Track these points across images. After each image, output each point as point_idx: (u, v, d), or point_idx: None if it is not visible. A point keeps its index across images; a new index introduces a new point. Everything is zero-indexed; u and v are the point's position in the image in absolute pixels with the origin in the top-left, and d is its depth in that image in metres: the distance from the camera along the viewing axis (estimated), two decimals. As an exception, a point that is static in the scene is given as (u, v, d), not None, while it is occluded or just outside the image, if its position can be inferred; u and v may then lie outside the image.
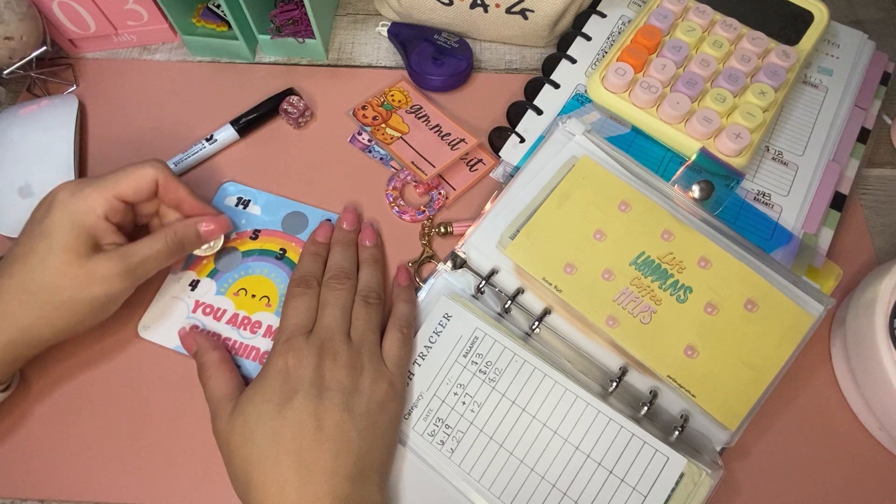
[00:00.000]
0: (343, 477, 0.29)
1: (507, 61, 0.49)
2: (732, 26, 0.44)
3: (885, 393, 0.33)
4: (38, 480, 0.35)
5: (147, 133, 0.46)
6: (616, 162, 0.40)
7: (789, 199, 0.41)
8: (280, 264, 0.40)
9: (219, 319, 0.38)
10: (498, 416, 0.34)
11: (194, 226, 0.36)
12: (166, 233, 0.35)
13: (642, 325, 0.36)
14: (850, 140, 0.44)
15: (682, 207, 0.39)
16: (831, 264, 0.38)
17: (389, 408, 0.32)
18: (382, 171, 0.44)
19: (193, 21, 0.48)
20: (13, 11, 0.41)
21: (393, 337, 0.35)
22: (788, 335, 0.35)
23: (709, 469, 0.32)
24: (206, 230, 0.37)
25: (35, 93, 0.47)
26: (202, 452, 0.35)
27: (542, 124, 0.45)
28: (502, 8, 0.46)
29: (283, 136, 0.46)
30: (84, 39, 0.48)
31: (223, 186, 0.43)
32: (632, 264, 0.37)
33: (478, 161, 0.44)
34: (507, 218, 0.39)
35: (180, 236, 0.35)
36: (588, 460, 0.33)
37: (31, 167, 0.42)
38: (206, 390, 0.34)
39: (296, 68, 0.49)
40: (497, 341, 0.36)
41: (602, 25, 0.48)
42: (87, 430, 0.36)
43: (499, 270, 0.39)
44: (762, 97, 0.41)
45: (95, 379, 0.37)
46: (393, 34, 0.49)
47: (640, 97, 0.42)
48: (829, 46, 0.47)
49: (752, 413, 0.34)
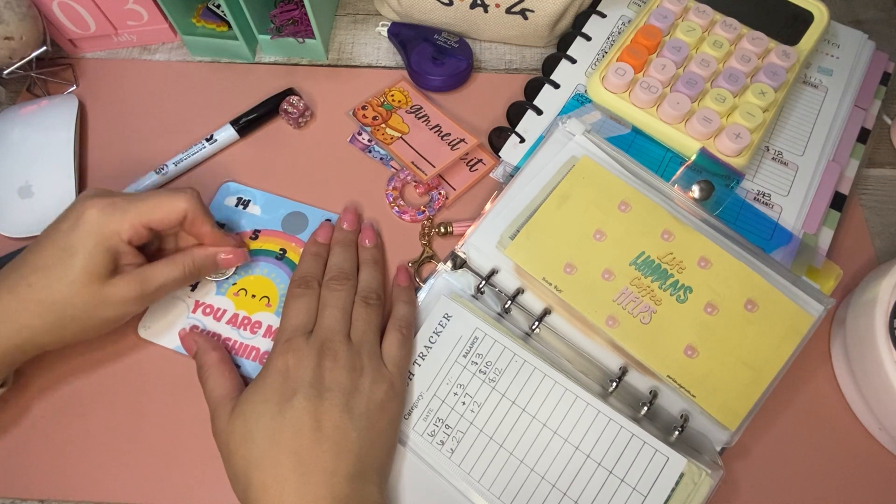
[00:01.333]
0: (342, 477, 0.29)
1: (507, 61, 0.49)
2: (732, 26, 0.44)
3: (885, 393, 0.34)
4: (38, 480, 0.35)
5: (147, 133, 0.46)
6: (616, 162, 0.40)
7: (789, 199, 0.41)
8: (280, 264, 0.40)
9: (219, 320, 0.38)
10: (498, 416, 0.34)
11: (213, 255, 0.36)
12: (184, 259, 0.35)
13: (642, 325, 0.36)
14: (850, 140, 0.44)
15: (682, 207, 0.39)
16: (831, 264, 0.38)
17: (389, 408, 0.32)
18: (382, 171, 0.44)
19: (193, 21, 0.48)
20: (13, 11, 0.41)
21: (393, 337, 0.35)
22: (788, 335, 0.35)
23: (709, 469, 0.32)
24: (224, 260, 0.37)
25: (35, 93, 0.47)
26: (202, 452, 0.35)
27: (542, 124, 0.45)
28: (502, 8, 0.46)
29: (283, 136, 0.46)
30: (84, 39, 0.48)
31: (223, 186, 0.43)
32: (632, 264, 0.37)
33: (478, 161, 0.44)
34: (507, 218, 0.39)
35: (198, 264, 0.36)
36: (588, 460, 0.33)
37: (31, 167, 0.42)
38: (206, 390, 0.34)
39: (296, 68, 0.49)
40: (497, 341, 0.36)
41: (602, 25, 0.48)
42: (87, 430, 0.36)
43: (499, 270, 0.39)
44: (762, 97, 0.41)
45: (95, 379, 0.37)
46: (393, 34, 0.49)
47: (640, 97, 0.42)
48: (829, 46, 0.47)
49: (752, 413, 0.34)
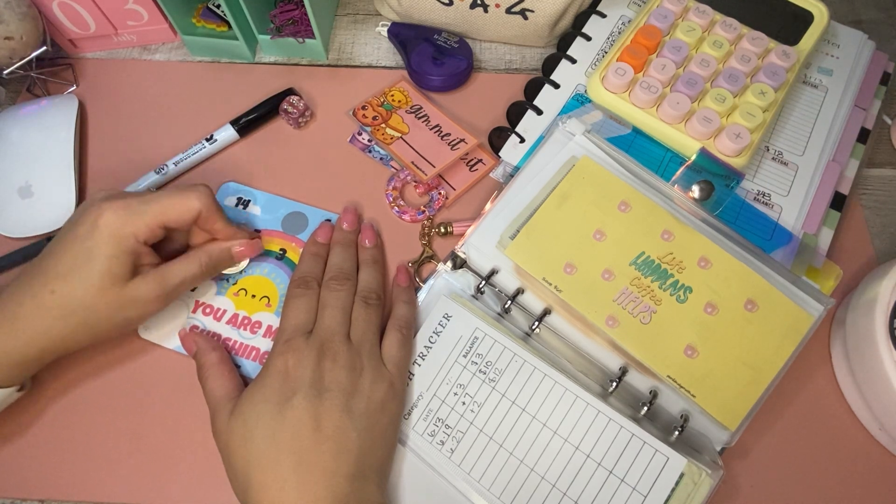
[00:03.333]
0: (342, 477, 0.29)
1: (507, 61, 0.49)
2: (732, 26, 0.44)
3: (885, 393, 0.34)
4: (38, 480, 0.35)
5: (147, 133, 0.46)
6: (616, 162, 0.40)
7: (789, 199, 0.41)
8: (280, 264, 0.40)
9: (219, 320, 0.38)
10: (498, 416, 0.34)
11: (228, 249, 0.37)
12: (200, 255, 0.35)
13: (642, 325, 0.36)
14: (850, 140, 0.44)
15: (682, 207, 0.39)
16: (831, 264, 0.38)
17: (389, 408, 0.32)
18: (382, 171, 0.44)
19: (193, 21, 0.48)
20: (13, 11, 0.41)
21: (392, 338, 0.35)
22: (788, 335, 0.35)
23: (709, 469, 0.32)
24: (239, 252, 0.37)
25: (35, 93, 0.47)
26: (202, 453, 0.35)
27: (542, 124, 0.45)
28: (502, 8, 0.46)
29: (283, 136, 0.46)
30: (84, 39, 0.48)
31: (223, 186, 0.43)
32: (632, 264, 0.37)
33: (478, 161, 0.44)
34: (507, 218, 0.39)
35: (215, 259, 0.36)
36: (588, 460, 0.33)
37: (31, 167, 0.42)
38: (206, 391, 0.34)
39: (296, 68, 0.49)
40: (497, 341, 0.36)
41: (602, 25, 0.48)
42: (87, 431, 0.36)
43: (499, 270, 0.39)
44: (762, 97, 0.41)
45: (95, 379, 0.37)
46: (393, 34, 0.49)
47: (640, 97, 0.42)
48: (829, 46, 0.47)
49: (752, 413, 0.34)
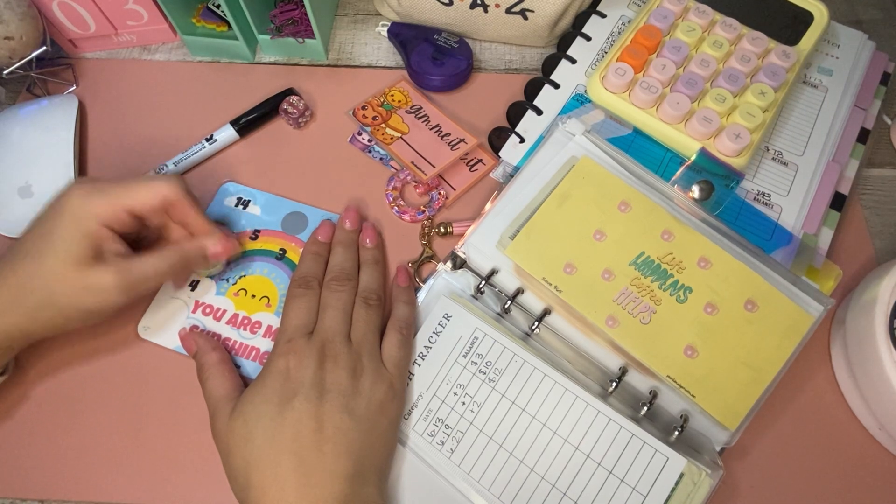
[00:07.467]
0: (343, 478, 0.29)
1: (507, 61, 0.49)
2: (732, 26, 0.44)
3: (885, 393, 0.33)
4: (38, 480, 0.35)
5: (147, 133, 0.46)
6: (616, 162, 0.40)
7: (789, 199, 0.41)
8: (280, 264, 0.40)
9: (219, 320, 0.38)
10: (498, 416, 0.34)
11: (202, 249, 0.35)
12: (171, 252, 0.34)
13: (642, 326, 0.36)
14: (850, 140, 0.44)
15: (681, 207, 0.39)
16: (831, 264, 0.38)
17: (389, 409, 0.32)
18: (382, 171, 0.44)
19: (193, 21, 0.48)
20: (13, 11, 0.41)
21: (392, 338, 0.35)
22: (788, 335, 0.35)
23: (708, 469, 0.32)
24: (213, 253, 0.36)
25: (35, 93, 0.47)
26: (202, 452, 0.35)
27: (542, 124, 0.45)
28: (502, 8, 0.46)
29: (283, 136, 0.46)
30: (84, 39, 0.48)
31: (223, 186, 0.43)
32: (631, 264, 0.37)
33: (478, 161, 0.44)
34: (507, 218, 0.39)
35: (185, 256, 0.35)
36: (588, 460, 0.33)
37: (31, 167, 0.42)
38: (206, 391, 0.34)
39: (296, 68, 0.49)
40: (497, 341, 0.36)
41: (602, 25, 0.48)
42: (87, 431, 0.36)
43: (499, 270, 0.39)
44: (762, 97, 0.41)
45: (95, 379, 0.37)
46: (393, 34, 0.49)
47: (640, 97, 0.42)
48: (829, 46, 0.47)
49: (751, 413, 0.34)
